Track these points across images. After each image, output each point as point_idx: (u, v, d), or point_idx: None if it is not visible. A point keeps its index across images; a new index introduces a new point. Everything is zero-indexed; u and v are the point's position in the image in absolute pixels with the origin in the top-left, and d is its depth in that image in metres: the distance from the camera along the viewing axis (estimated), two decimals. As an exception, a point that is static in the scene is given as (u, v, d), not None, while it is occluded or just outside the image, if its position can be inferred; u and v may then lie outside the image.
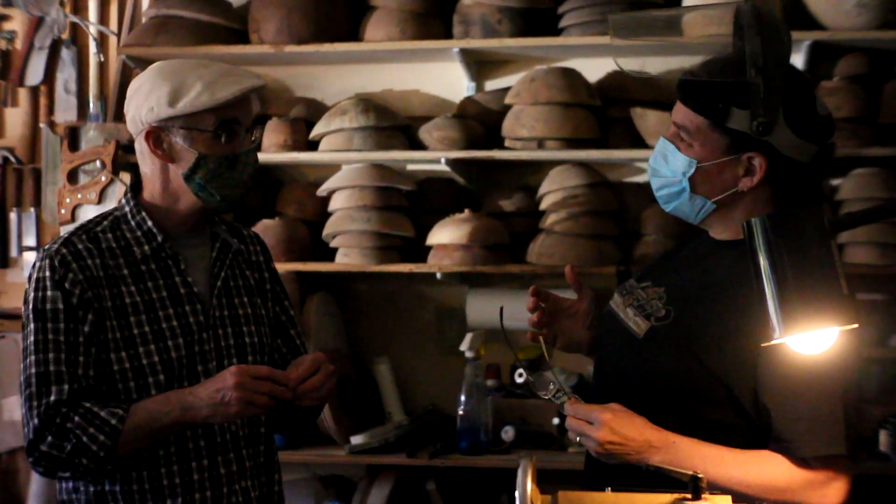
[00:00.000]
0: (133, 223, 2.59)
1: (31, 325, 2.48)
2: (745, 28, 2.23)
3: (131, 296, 2.54)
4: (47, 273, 2.49)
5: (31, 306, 2.50)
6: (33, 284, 2.51)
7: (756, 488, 2.21)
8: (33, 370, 2.45)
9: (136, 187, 2.66)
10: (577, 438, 2.24)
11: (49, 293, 2.48)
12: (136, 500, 2.52)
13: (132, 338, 2.51)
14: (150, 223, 2.59)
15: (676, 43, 2.42)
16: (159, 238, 2.58)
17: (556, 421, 3.90)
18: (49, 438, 2.42)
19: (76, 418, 2.42)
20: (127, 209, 2.62)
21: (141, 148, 2.58)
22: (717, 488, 2.13)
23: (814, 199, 2.37)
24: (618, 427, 2.20)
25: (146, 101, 2.52)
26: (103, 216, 2.64)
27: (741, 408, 2.27)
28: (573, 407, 2.25)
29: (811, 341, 2.04)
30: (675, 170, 2.36)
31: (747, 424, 2.27)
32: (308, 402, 2.54)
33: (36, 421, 2.43)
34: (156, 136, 2.54)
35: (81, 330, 2.48)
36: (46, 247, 2.56)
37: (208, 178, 2.53)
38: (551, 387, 2.34)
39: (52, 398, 2.43)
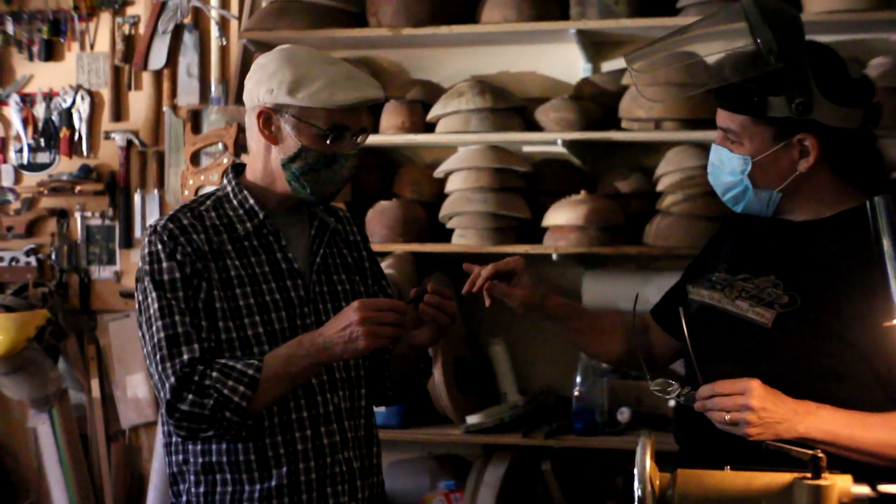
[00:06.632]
0: (235, 202, 2.66)
1: (153, 295, 2.54)
2: (752, 22, 2.31)
3: (236, 269, 2.60)
4: (159, 246, 2.57)
5: (148, 278, 2.56)
6: (147, 259, 2.58)
7: None
8: (162, 334, 2.51)
9: (237, 168, 2.74)
10: (727, 417, 2.22)
11: (165, 264, 2.55)
12: (243, 470, 2.58)
13: (238, 309, 2.58)
14: (251, 201, 2.65)
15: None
16: (261, 215, 2.65)
17: (671, 403, 3.88)
18: (189, 397, 2.47)
19: (213, 374, 2.47)
20: (229, 188, 2.69)
21: (251, 122, 2.65)
22: (856, 454, 2.18)
23: (874, 160, 2.43)
24: (766, 393, 2.21)
25: (269, 81, 2.57)
26: (206, 196, 2.72)
27: (879, 381, 2.28)
28: (715, 385, 2.25)
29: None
30: (733, 170, 2.42)
31: (884, 398, 2.28)
32: (429, 331, 2.61)
33: (172, 380, 2.48)
34: (267, 116, 2.60)
35: (199, 297, 2.55)
36: (152, 223, 2.63)
37: (304, 170, 2.59)
38: (674, 386, 2.34)
39: (186, 357, 2.49)
